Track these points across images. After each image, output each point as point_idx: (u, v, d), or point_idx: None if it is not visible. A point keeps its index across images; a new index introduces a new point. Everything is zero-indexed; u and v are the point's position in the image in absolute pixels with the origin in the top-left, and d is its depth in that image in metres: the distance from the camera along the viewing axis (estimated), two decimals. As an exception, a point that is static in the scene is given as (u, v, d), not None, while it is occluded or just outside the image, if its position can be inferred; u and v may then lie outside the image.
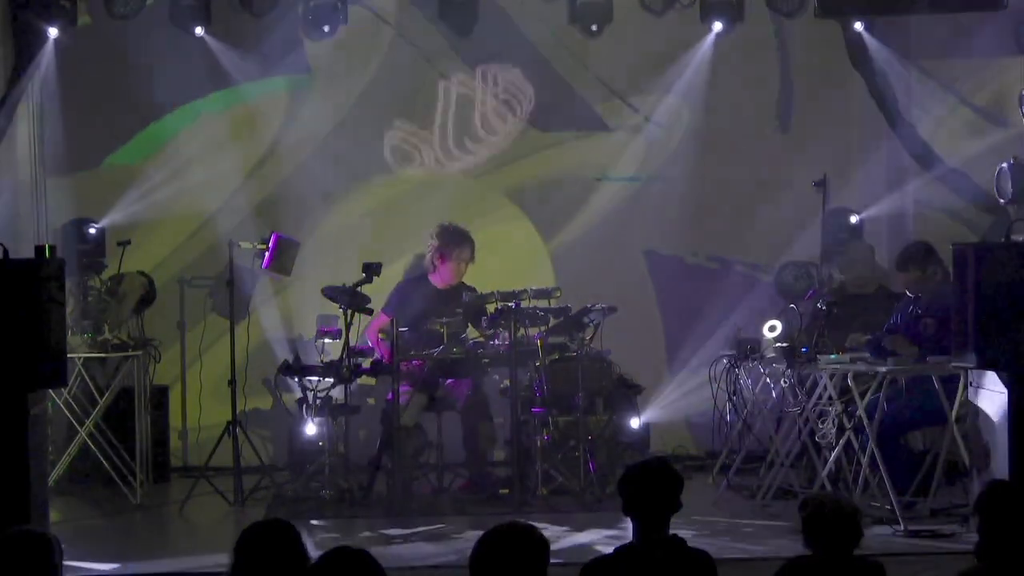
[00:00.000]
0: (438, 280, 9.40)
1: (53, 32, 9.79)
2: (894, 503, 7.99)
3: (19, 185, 10.06)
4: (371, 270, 8.93)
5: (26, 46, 9.85)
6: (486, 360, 9.00)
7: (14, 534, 4.51)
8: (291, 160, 10.43)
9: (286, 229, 9.60)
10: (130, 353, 9.31)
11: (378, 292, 9.16)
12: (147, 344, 9.56)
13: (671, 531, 4.83)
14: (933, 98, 10.39)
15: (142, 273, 9.85)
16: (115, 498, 9.15)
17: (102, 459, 9.22)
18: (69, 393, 9.20)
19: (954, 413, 8.11)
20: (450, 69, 10.46)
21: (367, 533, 8.17)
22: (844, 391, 8.25)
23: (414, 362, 8.98)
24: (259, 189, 10.38)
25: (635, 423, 9.53)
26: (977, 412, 7.72)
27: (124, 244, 9.66)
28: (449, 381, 9.22)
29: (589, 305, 9.07)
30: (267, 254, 9.16)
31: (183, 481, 9.47)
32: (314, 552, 4.24)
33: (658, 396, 10.06)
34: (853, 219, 10.07)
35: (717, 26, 10.22)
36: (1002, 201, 9.85)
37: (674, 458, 9.50)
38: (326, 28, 10.02)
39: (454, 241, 9.34)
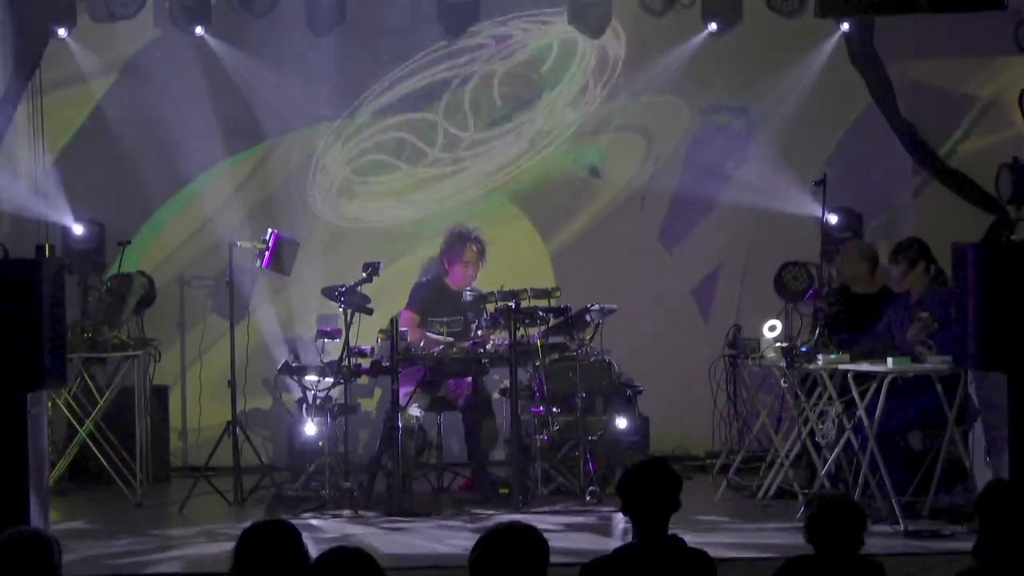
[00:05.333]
0: (451, 281, 9.40)
1: (61, 32, 9.84)
2: (894, 503, 7.99)
3: (19, 185, 10.06)
4: (371, 270, 8.93)
5: (26, 46, 9.86)
6: (486, 360, 9.01)
7: (14, 534, 4.51)
8: (291, 159, 10.43)
9: (286, 229, 9.60)
10: (130, 353, 9.31)
11: (378, 292, 9.15)
12: (147, 344, 9.56)
13: (671, 531, 4.83)
14: (932, 98, 10.38)
15: (142, 273, 9.86)
16: (115, 498, 9.14)
17: (102, 459, 9.22)
18: (69, 393, 9.20)
19: (954, 413, 8.11)
20: (450, 69, 10.46)
21: (367, 533, 8.17)
22: (844, 391, 8.25)
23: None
24: (259, 189, 10.39)
25: (635, 423, 9.52)
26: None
27: (124, 244, 9.66)
28: (450, 380, 9.23)
29: (589, 305, 9.07)
30: (267, 254, 9.15)
31: (183, 481, 9.45)
32: (314, 552, 4.24)
33: (658, 396, 10.04)
34: (833, 219, 9.94)
35: (716, 26, 10.24)
36: (1002, 201, 9.86)
37: (674, 458, 9.52)
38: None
39: (458, 244, 9.34)
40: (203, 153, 10.24)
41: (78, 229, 9.89)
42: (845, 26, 10.14)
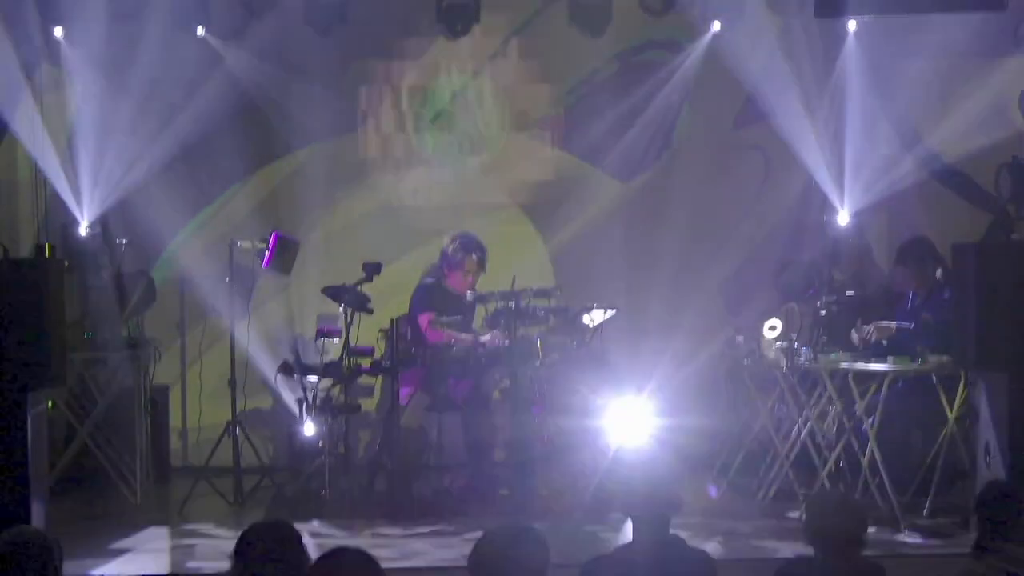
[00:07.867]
0: (450, 285, 9.40)
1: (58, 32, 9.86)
2: (894, 503, 7.99)
3: (19, 185, 10.06)
4: (371, 270, 8.94)
5: (26, 46, 9.87)
6: (485, 360, 9.01)
7: (14, 534, 4.51)
8: (291, 159, 10.44)
9: (286, 229, 9.60)
10: (130, 353, 9.31)
11: (378, 292, 9.15)
12: (147, 344, 9.55)
13: (671, 531, 4.83)
14: (933, 98, 10.39)
15: (142, 273, 9.86)
16: (115, 498, 9.15)
17: (102, 459, 9.22)
18: (69, 393, 9.20)
19: (954, 413, 8.12)
20: (450, 70, 10.47)
21: (367, 533, 8.17)
22: (844, 391, 8.26)
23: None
24: (259, 189, 10.39)
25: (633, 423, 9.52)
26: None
27: (124, 244, 9.65)
28: (450, 380, 9.24)
29: (589, 305, 9.07)
30: (267, 254, 9.16)
31: (183, 481, 9.46)
32: (314, 552, 4.24)
33: (658, 396, 10.04)
34: (843, 220, 9.98)
35: (716, 26, 10.25)
36: (1002, 201, 9.85)
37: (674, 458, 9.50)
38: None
39: (460, 253, 9.33)
40: (203, 152, 10.24)
41: (78, 229, 9.88)
42: (851, 25, 10.13)
